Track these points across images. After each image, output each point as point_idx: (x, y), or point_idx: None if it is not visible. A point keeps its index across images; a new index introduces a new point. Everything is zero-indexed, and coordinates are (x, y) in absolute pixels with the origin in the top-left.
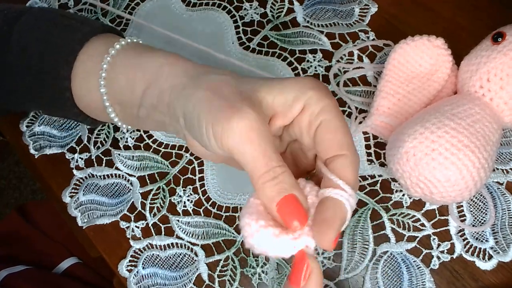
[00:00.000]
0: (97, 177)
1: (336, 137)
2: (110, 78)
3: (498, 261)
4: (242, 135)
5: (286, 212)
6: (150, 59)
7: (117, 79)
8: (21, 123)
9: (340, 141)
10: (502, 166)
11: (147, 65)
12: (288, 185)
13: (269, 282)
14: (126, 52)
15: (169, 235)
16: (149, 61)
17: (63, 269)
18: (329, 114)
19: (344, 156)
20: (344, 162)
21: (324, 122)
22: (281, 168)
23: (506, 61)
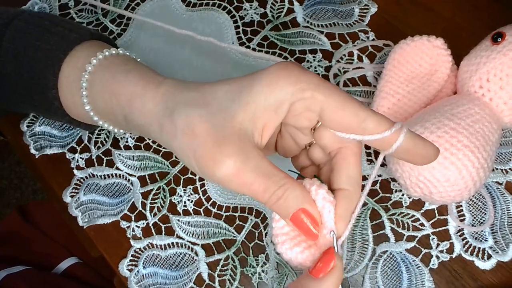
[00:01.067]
0: (98, 177)
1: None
2: (91, 98)
3: (497, 260)
4: (231, 182)
5: (299, 226)
6: (121, 87)
7: (98, 101)
8: (21, 123)
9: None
10: (502, 166)
11: (120, 93)
12: (294, 202)
13: (269, 282)
14: (103, 70)
15: (170, 235)
16: (121, 89)
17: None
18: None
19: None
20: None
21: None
22: (282, 188)
23: (505, 61)
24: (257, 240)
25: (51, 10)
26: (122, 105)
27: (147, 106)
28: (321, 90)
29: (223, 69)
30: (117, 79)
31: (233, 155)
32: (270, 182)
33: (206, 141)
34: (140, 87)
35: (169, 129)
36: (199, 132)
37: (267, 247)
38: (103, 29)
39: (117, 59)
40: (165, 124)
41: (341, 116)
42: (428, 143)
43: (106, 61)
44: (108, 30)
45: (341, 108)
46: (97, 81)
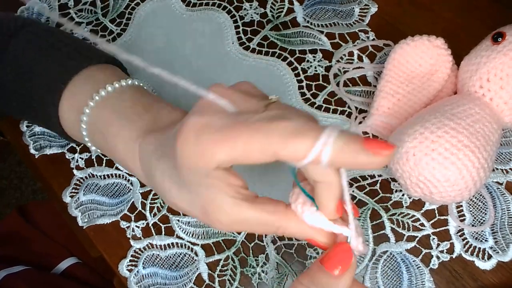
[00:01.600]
0: (98, 177)
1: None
2: (90, 137)
3: (498, 260)
4: (231, 229)
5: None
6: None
7: (97, 142)
8: (21, 123)
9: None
10: (502, 166)
11: (113, 145)
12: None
13: (269, 282)
14: (99, 114)
15: (169, 235)
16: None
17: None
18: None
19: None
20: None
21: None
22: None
23: (506, 61)
24: (257, 240)
25: (51, 10)
26: (117, 156)
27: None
28: (225, 150)
29: (223, 69)
30: (110, 130)
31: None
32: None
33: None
34: (132, 140)
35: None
36: (183, 210)
37: (267, 247)
38: (103, 29)
39: (106, 109)
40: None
41: (254, 160)
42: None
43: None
44: (108, 30)
45: (248, 154)
46: (96, 123)
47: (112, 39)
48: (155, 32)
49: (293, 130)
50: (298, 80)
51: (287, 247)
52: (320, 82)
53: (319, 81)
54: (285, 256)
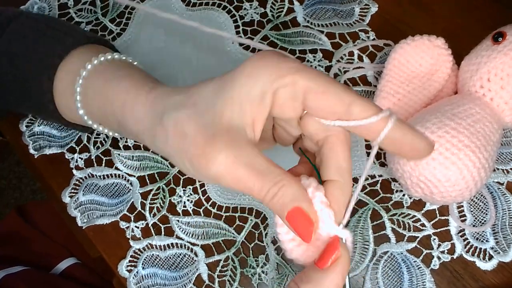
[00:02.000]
0: (97, 177)
1: (330, 97)
2: (85, 102)
3: (499, 261)
4: (225, 178)
5: (294, 226)
6: (114, 94)
7: (92, 106)
8: (20, 123)
9: (337, 98)
10: (503, 166)
11: (112, 100)
12: (289, 199)
13: (269, 282)
14: (97, 75)
15: (169, 235)
16: (113, 96)
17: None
18: (311, 90)
19: (353, 104)
20: (359, 107)
21: (310, 96)
22: (277, 185)
23: (506, 61)
24: (257, 240)
25: (51, 9)
26: (116, 112)
27: (138, 115)
28: (302, 75)
29: (223, 68)
30: (111, 85)
31: (224, 151)
32: (265, 179)
33: (197, 140)
34: (131, 95)
35: (160, 135)
36: (189, 132)
37: (267, 247)
38: (103, 29)
39: (112, 64)
40: (156, 130)
41: (324, 101)
42: (419, 135)
43: (101, 67)
44: (108, 29)
45: (323, 92)
46: (91, 87)
47: (112, 38)
48: (155, 31)
49: (366, 101)
50: None
51: None
52: None
53: None
54: (285, 257)
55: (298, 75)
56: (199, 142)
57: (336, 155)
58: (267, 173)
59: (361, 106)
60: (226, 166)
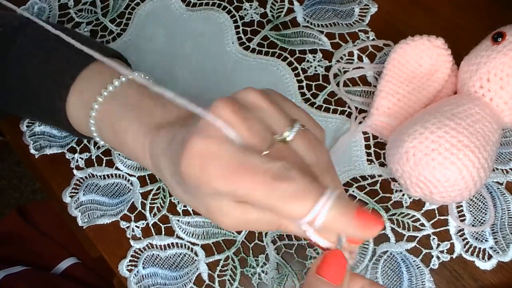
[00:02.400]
0: (97, 177)
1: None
2: (99, 132)
3: (498, 261)
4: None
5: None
6: (124, 136)
7: (105, 136)
8: (21, 123)
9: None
10: (502, 166)
11: (122, 140)
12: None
13: (269, 282)
14: (107, 109)
15: (169, 235)
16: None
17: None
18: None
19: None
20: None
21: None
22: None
23: (506, 61)
24: (257, 240)
25: (51, 10)
26: (127, 152)
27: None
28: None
29: (223, 69)
30: (121, 123)
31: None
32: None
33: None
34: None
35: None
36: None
37: (267, 247)
38: (103, 29)
39: (115, 103)
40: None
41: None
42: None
43: (106, 106)
44: (108, 30)
45: (251, 200)
46: (105, 117)
47: (112, 39)
48: (155, 32)
49: (293, 193)
50: (298, 80)
51: (287, 247)
52: (320, 82)
53: (319, 81)
54: (285, 256)
55: (223, 187)
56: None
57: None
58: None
59: (286, 213)
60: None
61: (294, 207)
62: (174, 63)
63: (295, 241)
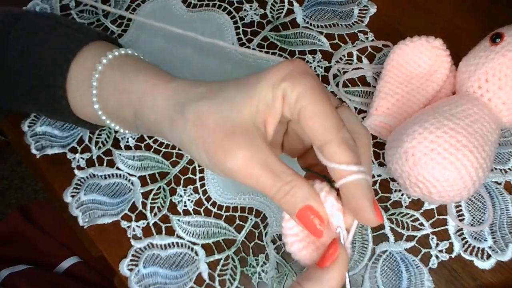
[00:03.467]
0: (98, 177)
1: (315, 124)
2: (101, 97)
3: (497, 260)
4: (239, 173)
5: (304, 222)
6: (132, 85)
7: (108, 100)
8: (22, 123)
9: (320, 128)
10: (501, 166)
11: (130, 90)
12: (300, 198)
13: (269, 281)
14: (113, 69)
15: (170, 235)
16: (131, 86)
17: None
18: (304, 100)
19: (330, 143)
20: (332, 149)
21: (301, 110)
22: (290, 184)
23: (504, 61)
24: (257, 240)
25: (52, 10)
26: (133, 103)
27: (158, 103)
28: (307, 95)
29: (223, 69)
30: (128, 77)
31: (243, 147)
32: (278, 178)
33: (216, 132)
34: (150, 84)
35: (179, 123)
36: (209, 123)
37: (267, 247)
38: (104, 30)
39: (127, 58)
40: (176, 118)
41: (309, 126)
42: (370, 208)
43: (116, 61)
44: (109, 31)
45: (313, 119)
46: (108, 80)
47: None
48: (156, 33)
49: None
50: None
51: None
52: None
53: None
54: (285, 256)
55: (303, 93)
56: (218, 134)
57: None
58: (280, 173)
59: (333, 151)
60: (243, 162)
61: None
62: (175, 64)
63: None
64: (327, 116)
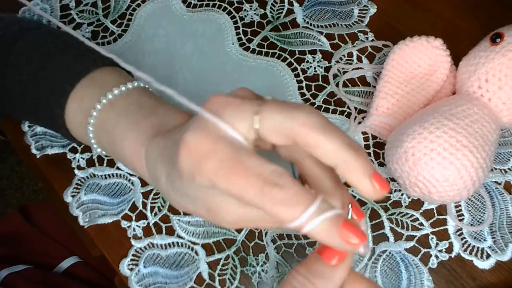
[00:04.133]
0: (99, 176)
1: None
2: (98, 141)
3: (496, 260)
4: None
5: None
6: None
7: (106, 147)
8: (22, 123)
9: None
10: (500, 166)
11: (119, 148)
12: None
13: (268, 281)
14: (108, 116)
15: (170, 234)
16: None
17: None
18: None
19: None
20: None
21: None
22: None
23: (504, 61)
24: (257, 239)
25: (52, 10)
26: (125, 160)
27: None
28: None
29: (223, 69)
30: (116, 143)
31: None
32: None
33: (201, 215)
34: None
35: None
36: (188, 211)
37: (267, 246)
38: (104, 30)
39: (122, 101)
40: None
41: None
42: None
43: (110, 107)
44: (109, 31)
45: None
46: (102, 129)
47: (113, 40)
48: (156, 33)
49: (282, 200)
50: (298, 80)
51: (287, 247)
52: (319, 83)
53: (319, 81)
54: (285, 255)
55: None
56: (206, 217)
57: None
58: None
59: (273, 216)
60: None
61: (283, 213)
62: (175, 64)
63: (294, 240)
64: (248, 189)
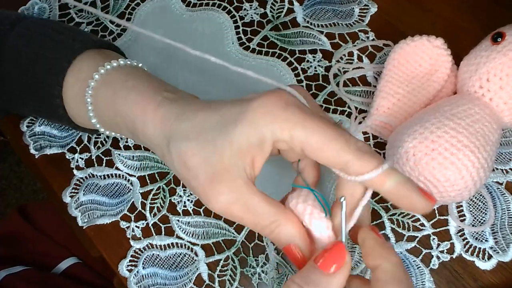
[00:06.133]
0: (98, 177)
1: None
2: (97, 112)
3: (498, 261)
4: (225, 215)
5: (290, 256)
6: (123, 107)
7: (103, 116)
8: (21, 123)
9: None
10: (502, 166)
11: (122, 114)
12: (284, 238)
13: (269, 282)
14: (105, 86)
15: (169, 235)
16: (122, 108)
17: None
18: (300, 136)
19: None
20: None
21: (304, 146)
22: (274, 224)
23: (505, 61)
24: (257, 240)
25: (51, 10)
26: (127, 124)
27: (148, 130)
28: (300, 130)
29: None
30: (119, 97)
31: (224, 193)
32: (260, 218)
33: (199, 178)
34: (140, 109)
35: (167, 158)
36: (191, 166)
37: (267, 247)
38: (103, 29)
39: (118, 72)
40: (165, 152)
41: (321, 158)
42: (419, 195)
43: (108, 76)
44: (108, 30)
45: (321, 149)
46: (101, 98)
47: (113, 39)
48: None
49: (368, 150)
50: (298, 80)
51: None
52: (320, 82)
53: (319, 81)
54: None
55: (296, 130)
56: (200, 180)
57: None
58: (262, 214)
59: (358, 165)
60: (224, 206)
61: (367, 161)
62: (174, 64)
63: None
64: (332, 139)
